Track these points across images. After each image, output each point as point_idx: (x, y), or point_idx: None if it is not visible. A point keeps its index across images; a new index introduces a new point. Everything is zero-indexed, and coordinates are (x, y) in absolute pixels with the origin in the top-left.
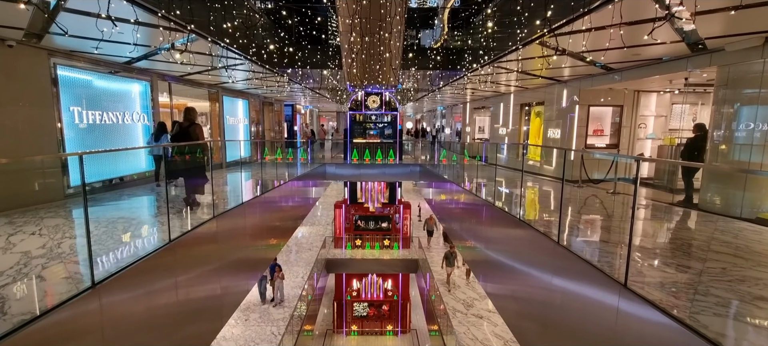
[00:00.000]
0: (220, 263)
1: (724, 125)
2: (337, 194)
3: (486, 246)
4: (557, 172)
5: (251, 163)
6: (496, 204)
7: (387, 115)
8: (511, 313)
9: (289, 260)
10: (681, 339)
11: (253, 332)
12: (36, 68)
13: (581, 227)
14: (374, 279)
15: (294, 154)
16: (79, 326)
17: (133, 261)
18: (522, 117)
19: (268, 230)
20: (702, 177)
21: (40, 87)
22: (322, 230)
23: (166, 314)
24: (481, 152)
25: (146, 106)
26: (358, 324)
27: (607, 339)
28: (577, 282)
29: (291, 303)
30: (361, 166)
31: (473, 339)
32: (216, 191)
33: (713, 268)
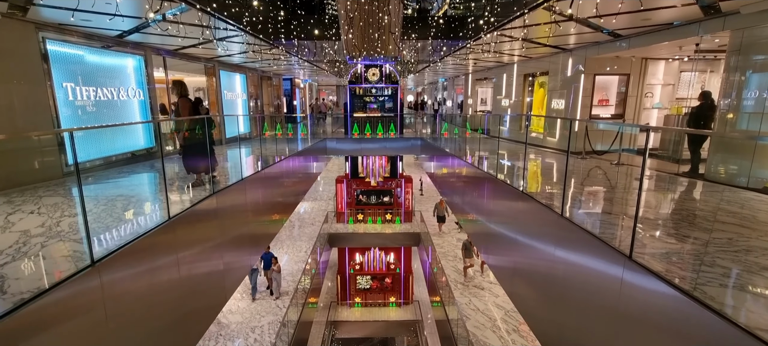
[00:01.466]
0: (222, 239)
1: (734, 93)
2: (339, 168)
3: (488, 219)
4: (561, 143)
5: (251, 139)
6: (499, 177)
7: (387, 88)
8: (513, 284)
9: (292, 236)
10: (686, 310)
11: (258, 306)
12: (24, 43)
13: (584, 198)
14: (377, 253)
15: (294, 129)
16: (80, 303)
17: (132, 239)
18: (525, 88)
19: (269, 205)
20: (709, 147)
21: (30, 63)
22: (324, 205)
23: (169, 290)
24: (483, 125)
25: (141, 82)
26: (361, 296)
27: (611, 310)
28: (580, 254)
29: (295, 278)
30: (362, 141)
31: (474, 310)
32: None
33: (719, 238)
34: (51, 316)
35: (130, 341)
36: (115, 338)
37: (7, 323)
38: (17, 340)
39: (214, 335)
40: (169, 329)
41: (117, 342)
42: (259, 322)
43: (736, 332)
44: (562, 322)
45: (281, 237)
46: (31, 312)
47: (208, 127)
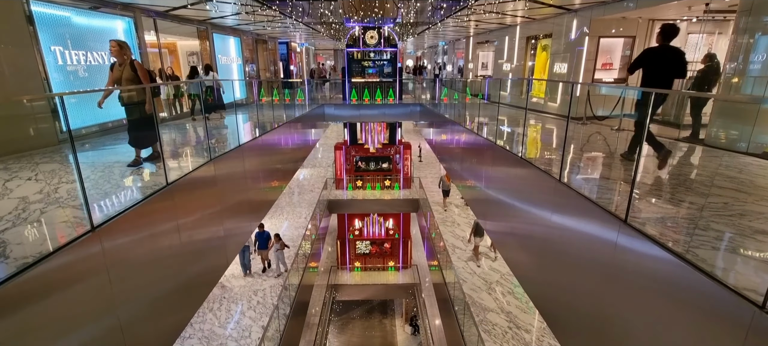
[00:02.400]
0: (221, 206)
1: (741, 57)
2: (337, 135)
3: (486, 185)
4: (561, 109)
5: (248, 104)
6: (498, 143)
7: (386, 52)
8: (509, 248)
9: (291, 202)
10: (678, 272)
11: (259, 270)
12: (7, 4)
13: (583, 164)
14: (376, 218)
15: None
16: (84, 268)
17: (131, 205)
18: (527, 51)
19: (268, 172)
20: (711, 111)
21: (16, 26)
22: (323, 172)
23: (171, 255)
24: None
25: (132, 45)
26: (361, 261)
27: (604, 274)
28: (576, 219)
29: (295, 243)
30: (361, 107)
31: (471, 273)
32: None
33: (715, 203)
34: (56, 280)
35: (135, 304)
36: (120, 301)
37: (13, 286)
38: (25, 303)
39: (218, 298)
40: (173, 293)
41: (122, 305)
42: (262, 285)
43: (725, 293)
44: (556, 285)
45: (281, 204)
46: (35, 277)
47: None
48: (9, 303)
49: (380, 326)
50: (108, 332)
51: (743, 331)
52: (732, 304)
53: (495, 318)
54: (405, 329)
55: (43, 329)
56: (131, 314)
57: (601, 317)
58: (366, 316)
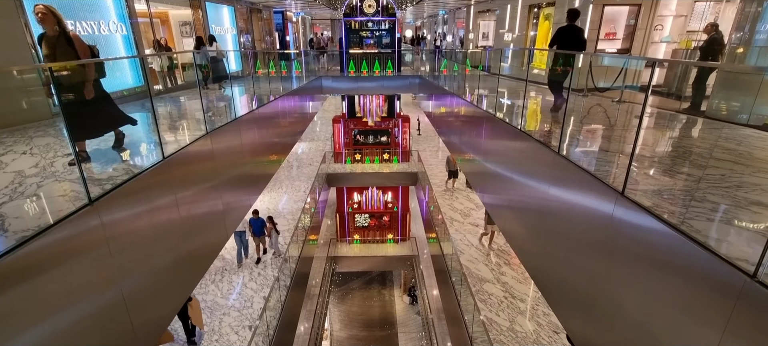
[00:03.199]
0: (219, 179)
1: (748, 26)
2: (335, 108)
3: (485, 158)
4: None
5: (243, 77)
6: (497, 115)
7: (385, 21)
8: (506, 220)
9: (290, 176)
10: (672, 243)
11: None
12: None
13: (582, 137)
14: (374, 192)
15: (288, 66)
16: (83, 242)
17: (127, 179)
18: (529, 21)
19: (265, 145)
20: (713, 82)
21: None
22: (321, 146)
23: (171, 229)
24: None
25: (122, 15)
26: (360, 233)
27: (599, 244)
28: (573, 191)
29: (294, 217)
30: (359, 79)
31: (468, 245)
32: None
33: (712, 175)
34: (56, 254)
35: (136, 276)
36: (121, 274)
37: (13, 259)
38: (29, 275)
39: (220, 269)
40: (174, 266)
41: (124, 278)
42: (263, 257)
43: (718, 263)
44: (551, 256)
45: (280, 177)
46: (35, 250)
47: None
48: (11, 276)
49: (379, 297)
50: (111, 303)
51: (733, 299)
52: (724, 273)
53: (491, 288)
54: (403, 300)
55: (47, 300)
56: (134, 286)
57: (594, 287)
58: (365, 287)
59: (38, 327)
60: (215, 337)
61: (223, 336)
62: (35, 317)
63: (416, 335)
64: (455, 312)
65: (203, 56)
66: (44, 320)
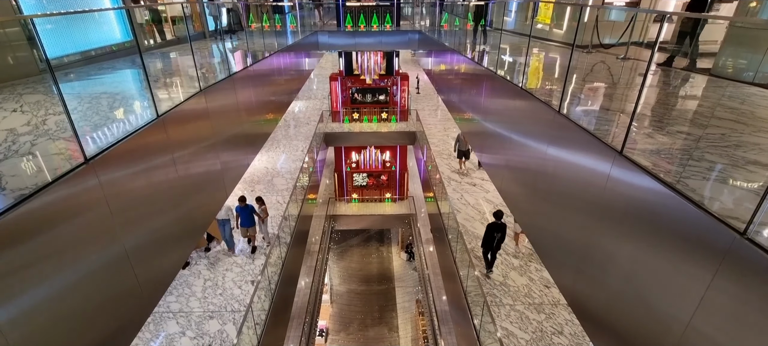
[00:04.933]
0: (215, 138)
1: None
2: (332, 65)
3: (484, 117)
4: (567, 36)
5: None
6: (499, 73)
7: None
8: (503, 180)
9: (288, 135)
10: (666, 202)
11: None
12: None
13: (584, 96)
14: (373, 151)
15: (282, 20)
16: (82, 201)
17: (122, 137)
18: None
19: (261, 104)
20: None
21: None
22: (318, 104)
23: (169, 188)
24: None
25: None
26: (358, 192)
27: (594, 203)
28: (572, 151)
29: (293, 176)
30: (356, 35)
31: (465, 204)
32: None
33: (712, 134)
34: (55, 212)
35: (137, 233)
36: (123, 231)
37: (13, 218)
38: (27, 235)
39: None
40: (175, 223)
41: (125, 235)
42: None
43: (710, 221)
44: (546, 214)
45: (277, 136)
46: (35, 209)
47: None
48: (12, 234)
49: (377, 253)
50: (115, 260)
51: (721, 255)
52: (715, 230)
53: None
54: (401, 256)
55: (51, 257)
56: (136, 243)
57: (587, 244)
58: (364, 244)
59: (44, 284)
60: (219, 291)
61: (226, 290)
62: (40, 274)
63: (412, 289)
64: (451, 268)
65: (215, 7)
66: (49, 277)
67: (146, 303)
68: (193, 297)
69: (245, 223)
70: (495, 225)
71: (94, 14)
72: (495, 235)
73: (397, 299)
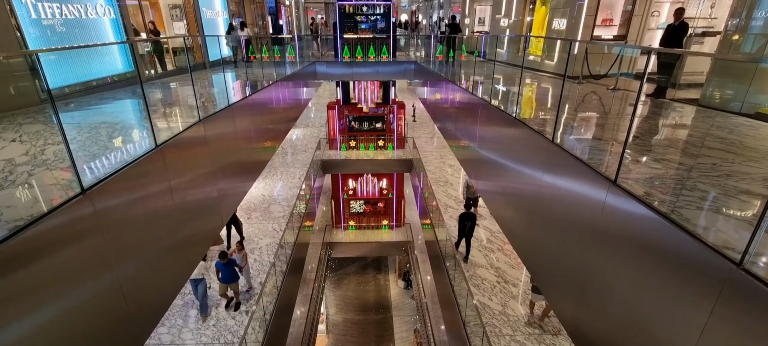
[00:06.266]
0: (213, 166)
1: (744, 13)
2: (330, 94)
3: (479, 145)
4: (559, 67)
5: (236, 62)
6: (493, 103)
7: (379, 6)
8: (499, 207)
9: (285, 162)
10: (662, 231)
11: (255, 229)
12: None
13: (576, 125)
14: (369, 178)
15: (281, 52)
16: (77, 230)
17: (120, 167)
18: (526, 6)
19: (260, 132)
20: (708, 71)
21: None
22: (316, 132)
23: (165, 216)
24: (480, 48)
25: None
26: (355, 220)
27: (591, 231)
28: (567, 179)
29: (290, 203)
30: (353, 65)
31: None
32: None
33: (703, 163)
34: (50, 242)
35: (132, 263)
36: (117, 261)
37: (7, 248)
38: (23, 264)
39: (216, 255)
40: (169, 252)
41: (119, 265)
42: (258, 244)
43: (706, 251)
44: (544, 242)
45: (274, 164)
46: (29, 239)
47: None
48: (5, 264)
49: (374, 281)
50: (108, 290)
51: (719, 285)
52: (711, 261)
53: (484, 273)
54: (398, 284)
55: (42, 288)
56: (129, 272)
57: (586, 272)
58: (361, 272)
59: (34, 314)
60: (212, 322)
61: (220, 321)
62: (31, 304)
63: (410, 318)
64: (449, 296)
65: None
66: (40, 307)
67: (138, 335)
68: (185, 328)
69: (227, 279)
70: (466, 214)
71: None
72: (466, 223)
73: (394, 329)
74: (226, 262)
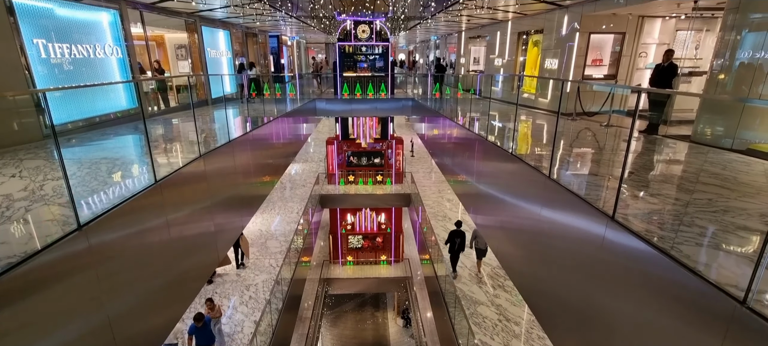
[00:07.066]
0: (211, 201)
1: (728, 54)
2: (329, 130)
3: (477, 180)
4: (552, 105)
5: (238, 99)
6: (489, 138)
7: (378, 46)
8: (499, 242)
9: (283, 197)
10: (664, 267)
11: (251, 265)
12: None
13: (572, 160)
14: (368, 213)
15: (282, 89)
16: (70, 266)
17: (118, 203)
18: (519, 47)
19: (259, 167)
20: (697, 108)
21: None
22: (315, 167)
23: (161, 251)
24: (476, 85)
25: (118, 38)
26: (353, 255)
27: (592, 267)
28: (565, 214)
29: (287, 238)
30: (352, 102)
31: (462, 266)
32: (203, 129)
33: (700, 199)
34: (40, 279)
35: (124, 300)
36: (108, 297)
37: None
38: (8, 302)
39: (210, 292)
40: (164, 289)
41: (111, 301)
42: (253, 280)
43: (708, 288)
44: (544, 278)
45: (273, 199)
46: (19, 275)
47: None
48: None
49: (372, 319)
50: (96, 329)
51: (725, 323)
52: (714, 299)
53: (485, 311)
54: (397, 322)
55: (29, 327)
56: (120, 311)
57: (588, 310)
58: (358, 309)
59: None
60: None
61: None
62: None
63: None
64: (449, 335)
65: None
66: None
67: None
68: None
69: (204, 340)
70: (455, 232)
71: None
72: (455, 239)
73: None
74: (202, 325)
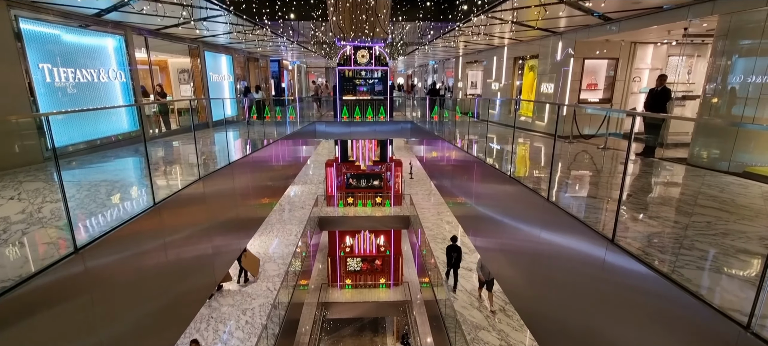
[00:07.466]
0: (210, 223)
1: (720, 78)
2: (328, 152)
3: (476, 202)
4: (549, 128)
5: (238, 122)
6: (487, 161)
7: (377, 70)
8: (499, 265)
9: (282, 219)
10: (665, 291)
11: (249, 289)
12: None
13: (570, 182)
14: (367, 235)
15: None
16: (65, 289)
17: (116, 225)
18: (515, 71)
19: (258, 189)
20: (692, 131)
21: (3, 43)
22: (314, 189)
23: (157, 275)
24: (473, 109)
25: (122, 63)
26: (352, 278)
27: (593, 291)
28: (564, 237)
29: (285, 261)
30: (352, 125)
31: (461, 290)
32: (203, 151)
33: (699, 222)
34: (35, 302)
35: (119, 324)
36: (103, 322)
37: None
38: (2, 326)
39: (206, 317)
40: (160, 313)
41: (106, 326)
42: (250, 304)
43: (711, 313)
44: (546, 302)
45: (271, 221)
46: (14, 299)
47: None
48: None
49: (371, 345)
50: None
51: None
52: (717, 324)
53: (486, 336)
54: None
55: None
56: (115, 335)
57: (590, 335)
58: (357, 334)
59: None
60: None
61: None
62: None
63: None
64: None
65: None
66: None
67: None
68: None
69: None
70: (452, 246)
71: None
72: (452, 254)
73: None
74: None
